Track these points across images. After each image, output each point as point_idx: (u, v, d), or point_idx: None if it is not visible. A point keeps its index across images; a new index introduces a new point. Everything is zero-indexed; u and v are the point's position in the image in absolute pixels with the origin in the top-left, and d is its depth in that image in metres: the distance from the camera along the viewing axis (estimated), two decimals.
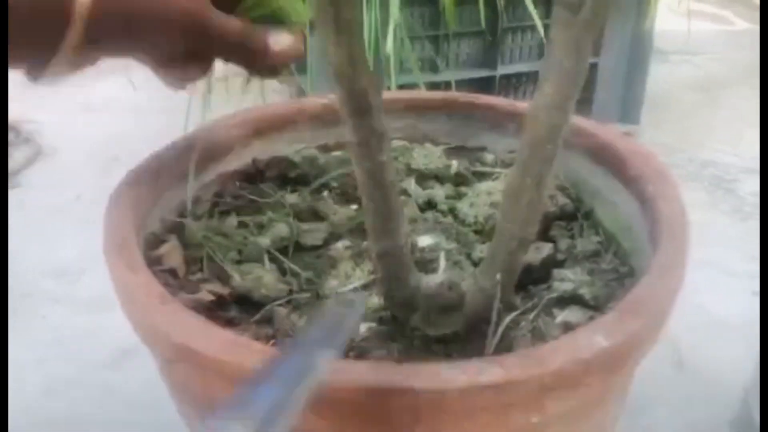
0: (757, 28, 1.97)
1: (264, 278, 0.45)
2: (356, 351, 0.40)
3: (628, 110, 1.26)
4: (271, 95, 1.16)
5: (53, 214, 1.07)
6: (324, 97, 0.60)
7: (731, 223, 1.04)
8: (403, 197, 0.54)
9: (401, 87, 0.94)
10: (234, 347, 0.31)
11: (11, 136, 1.24)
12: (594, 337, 0.32)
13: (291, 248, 0.49)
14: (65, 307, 0.87)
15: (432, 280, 0.41)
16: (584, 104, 1.23)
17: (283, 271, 0.47)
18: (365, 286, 0.45)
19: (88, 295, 0.87)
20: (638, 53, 1.21)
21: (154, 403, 0.70)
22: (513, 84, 1.15)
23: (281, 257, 0.47)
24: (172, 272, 0.44)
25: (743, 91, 1.54)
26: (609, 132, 0.51)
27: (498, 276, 0.38)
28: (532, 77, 1.14)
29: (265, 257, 0.47)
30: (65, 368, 0.77)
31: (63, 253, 0.95)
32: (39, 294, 0.89)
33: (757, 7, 2.07)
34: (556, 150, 0.34)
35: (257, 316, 0.42)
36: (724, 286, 0.89)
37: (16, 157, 1.21)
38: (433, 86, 1.03)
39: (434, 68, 1.09)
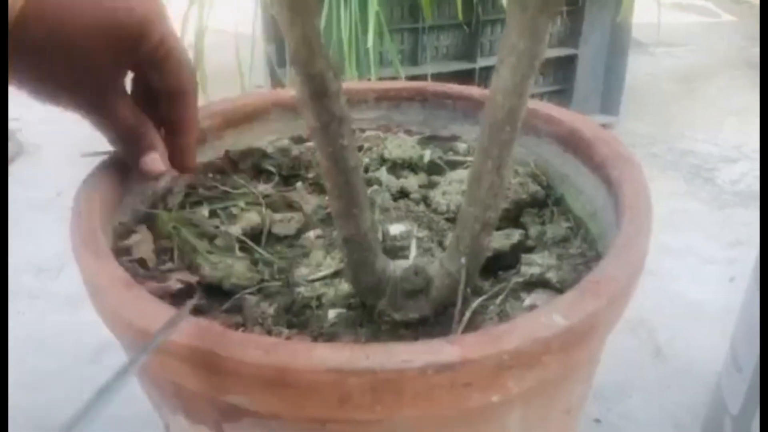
0: (736, 20, 1.98)
1: (234, 267, 0.45)
2: (325, 336, 0.40)
3: (608, 101, 1.27)
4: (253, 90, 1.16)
5: (34, 210, 1.06)
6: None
7: (709, 211, 1.05)
8: (375, 186, 0.55)
9: (381, 79, 0.94)
10: (197, 332, 0.31)
11: None
12: (553, 316, 0.32)
13: (264, 238, 0.49)
14: (45, 302, 0.87)
15: (399, 265, 0.41)
16: (564, 96, 1.23)
17: (254, 261, 0.47)
18: (336, 274, 0.45)
19: (67, 290, 0.86)
20: (617, 44, 1.22)
21: (135, 397, 0.70)
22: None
23: (252, 245, 0.47)
24: (142, 262, 0.44)
25: (722, 82, 1.55)
26: (577, 118, 0.52)
27: (463, 260, 0.39)
28: None
29: (236, 247, 0.48)
30: (45, 363, 0.77)
31: (43, 249, 0.95)
32: (18, 290, 0.88)
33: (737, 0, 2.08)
34: (514, 133, 0.34)
35: (227, 305, 0.43)
36: (701, 273, 0.90)
37: None
38: (414, 79, 1.04)
39: (414, 61, 1.10)
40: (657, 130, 1.30)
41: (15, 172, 1.19)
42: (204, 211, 0.50)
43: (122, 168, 0.47)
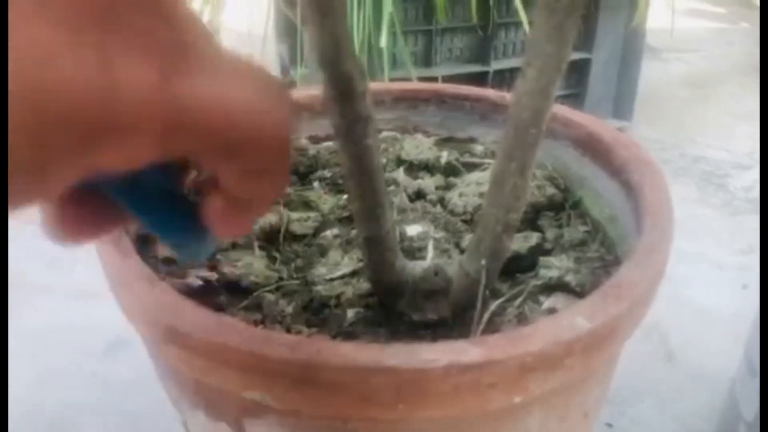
0: (748, 26, 1.98)
1: (254, 265, 0.45)
2: (344, 335, 0.40)
3: (621, 106, 1.26)
4: None
5: None
6: (314, 87, 0.60)
7: (721, 217, 1.05)
8: (392, 187, 0.55)
9: (393, 80, 0.94)
10: (221, 328, 0.31)
11: None
12: (576, 319, 0.32)
13: (281, 237, 0.49)
14: (57, 296, 0.87)
15: (418, 266, 0.42)
16: (577, 100, 1.23)
17: (272, 259, 0.47)
18: (353, 273, 0.45)
19: (80, 285, 0.87)
20: (630, 49, 1.22)
21: (147, 393, 0.71)
22: (507, 79, 1.15)
23: (270, 245, 0.48)
24: (163, 259, 0.44)
25: (734, 88, 1.55)
26: (595, 122, 0.52)
27: (483, 261, 0.39)
28: None
29: (255, 245, 0.48)
30: (56, 358, 0.77)
31: (55, 245, 0.95)
32: (31, 283, 0.89)
33: (748, 5, 2.08)
34: (539, 135, 0.34)
35: (245, 302, 0.43)
36: (713, 279, 0.90)
37: None
38: (426, 81, 1.04)
39: (427, 63, 1.10)
40: (669, 136, 1.30)
41: None
42: None
43: None
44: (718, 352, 0.77)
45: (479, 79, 1.12)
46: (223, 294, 0.43)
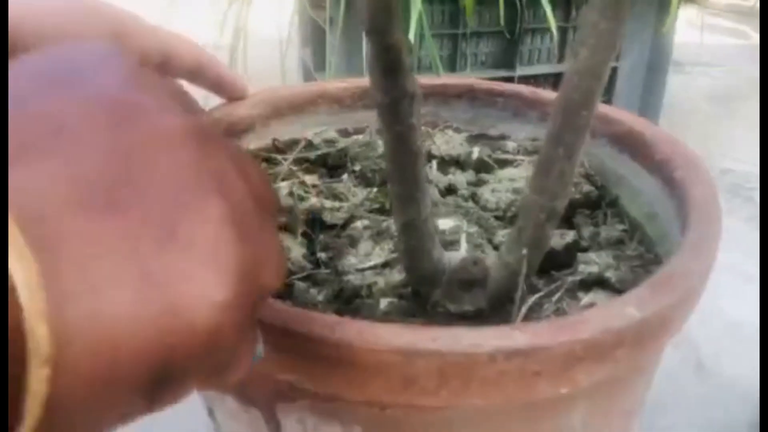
0: None
1: (293, 251, 0.44)
2: None
3: (646, 117, 1.24)
4: None
5: None
6: (344, 81, 0.60)
7: (750, 230, 1.03)
8: None
9: None
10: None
11: None
12: (626, 308, 0.31)
13: (317, 225, 0.48)
14: None
15: (455, 256, 0.40)
16: None
17: (308, 247, 0.46)
18: (385, 264, 0.44)
19: None
20: (657, 60, 1.21)
21: None
22: (532, 86, 1.14)
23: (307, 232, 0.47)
24: None
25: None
26: (634, 119, 0.50)
27: (524, 251, 0.37)
28: (551, 79, 1.14)
29: (299, 231, 0.47)
30: None
31: None
32: None
33: None
34: (590, 118, 0.33)
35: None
36: (743, 292, 0.88)
37: None
38: None
39: (452, 67, 1.09)
40: (695, 148, 1.28)
41: None
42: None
43: None
44: (749, 365, 0.75)
45: None
46: None
